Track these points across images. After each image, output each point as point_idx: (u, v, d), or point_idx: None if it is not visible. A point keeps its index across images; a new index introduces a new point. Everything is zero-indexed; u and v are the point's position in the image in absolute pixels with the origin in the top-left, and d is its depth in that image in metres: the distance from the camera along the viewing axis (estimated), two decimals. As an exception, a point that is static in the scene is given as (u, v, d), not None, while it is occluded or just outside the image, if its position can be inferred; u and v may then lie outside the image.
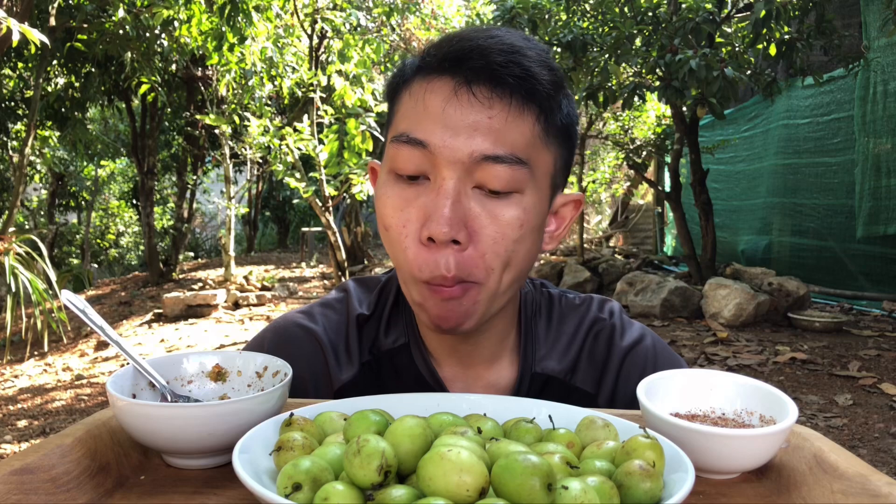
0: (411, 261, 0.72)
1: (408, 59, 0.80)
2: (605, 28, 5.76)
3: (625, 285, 5.87)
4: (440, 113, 0.71)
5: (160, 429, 0.57)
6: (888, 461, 2.92)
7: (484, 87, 0.70)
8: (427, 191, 0.72)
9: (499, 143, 0.70)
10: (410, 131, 0.72)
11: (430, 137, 0.70)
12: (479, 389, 0.85)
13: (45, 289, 5.23)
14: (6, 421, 4.20)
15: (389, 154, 0.74)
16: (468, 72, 0.71)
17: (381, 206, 0.75)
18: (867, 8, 5.56)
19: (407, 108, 0.75)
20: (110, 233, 15.10)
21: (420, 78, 0.74)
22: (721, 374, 0.68)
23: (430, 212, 0.70)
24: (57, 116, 8.70)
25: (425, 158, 0.71)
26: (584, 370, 0.87)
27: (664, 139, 7.40)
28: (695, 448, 0.56)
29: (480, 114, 0.70)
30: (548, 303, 0.91)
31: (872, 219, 5.59)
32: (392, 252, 0.75)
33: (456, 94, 0.71)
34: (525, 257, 0.75)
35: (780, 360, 4.24)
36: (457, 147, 0.70)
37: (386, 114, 0.85)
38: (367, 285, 0.93)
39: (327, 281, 8.83)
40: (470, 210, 0.71)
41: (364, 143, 5.62)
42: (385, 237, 0.76)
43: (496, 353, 0.86)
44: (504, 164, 0.70)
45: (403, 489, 0.46)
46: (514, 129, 0.71)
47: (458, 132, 0.70)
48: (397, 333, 0.87)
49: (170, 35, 6.10)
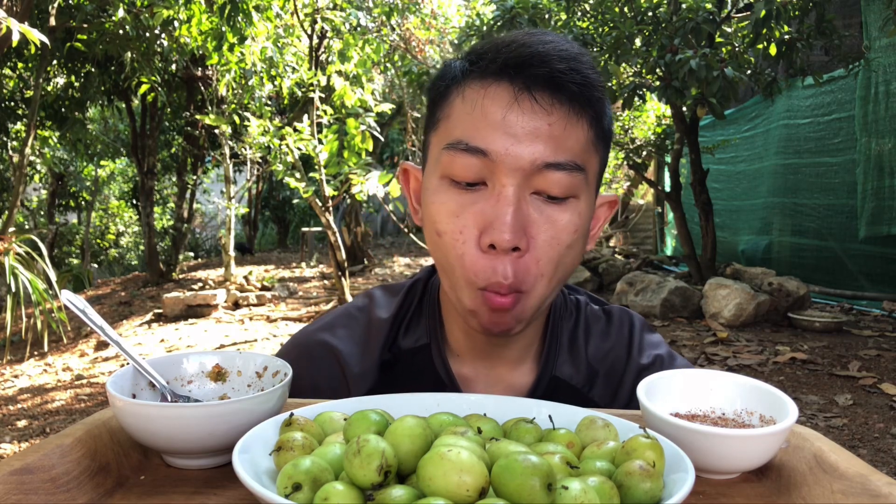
0: (468, 267, 0.72)
1: (451, 60, 0.80)
2: (605, 28, 5.76)
3: (625, 285, 5.87)
4: (500, 120, 0.70)
5: (160, 429, 0.57)
6: (888, 461, 2.91)
7: (545, 93, 0.70)
8: (485, 197, 0.72)
9: (559, 149, 0.70)
10: (469, 139, 0.71)
11: (490, 145, 0.70)
12: (499, 391, 0.86)
13: (45, 289, 5.23)
14: (6, 421, 4.20)
15: (444, 161, 0.73)
16: (529, 78, 0.70)
17: (433, 213, 0.75)
18: (868, 8, 5.56)
19: (461, 113, 0.74)
20: (110, 233, 15.10)
21: (475, 83, 0.73)
22: (721, 374, 0.68)
23: (492, 219, 0.70)
24: (57, 116, 8.70)
25: (485, 166, 0.71)
26: (602, 385, 0.87)
27: (664, 139, 7.40)
28: (695, 448, 0.56)
29: (541, 120, 0.70)
30: (574, 310, 0.92)
31: (875, 219, 5.59)
32: (444, 258, 0.75)
33: (517, 101, 0.70)
34: (573, 261, 0.76)
35: (780, 360, 4.24)
36: (519, 154, 0.70)
37: (386, 114, 0.85)
38: (391, 290, 0.94)
39: (327, 281, 8.83)
40: (528, 216, 0.71)
41: (364, 143, 5.63)
42: (436, 242, 0.75)
43: (522, 356, 0.87)
44: (563, 170, 0.70)
45: (403, 489, 0.46)
46: (571, 136, 0.71)
47: (519, 139, 0.70)
48: (419, 334, 0.88)
49: (170, 35, 6.10)
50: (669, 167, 6.91)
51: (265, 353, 0.77)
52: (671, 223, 9.07)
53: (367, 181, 5.58)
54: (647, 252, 9.67)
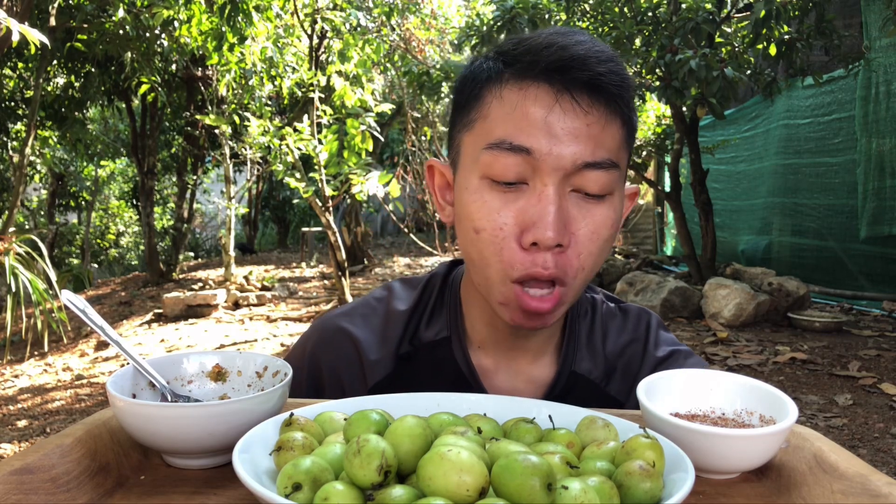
0: (506, 261, 0.74)
1: (479, 58, 0.81)
2: (605, 28, 5.76)
3: (625, 285, 5.87)
4: (542, 121, 0.72)
5: (160, 429, 0.57)
6: (888, 461, 2.92)
7: (584, 94, 0.73)
8: (525, 195, 0.73)
9: (598, 149, 0.73)
10: (512, 138, 0.73)
11: (534, 144, 0.72)
12: (520, 383, 0.88)
13: (45, 289, 5.23)
14: (6, 421, 4.20)
15: (484, 160, 0.75)
16: (569, 81, 0.72)
17: (473, 211, 0.76)
18: (868, 8, 5.56)
19: (500, 114, 0.75)
20: (110, 233, 15.09)
21: (513, 84, 0.75)
22: (721, 374, 0.68)
23: (534, 218, 0.72)
24: (57, 116, 8.69)
25: (527, 165, 0.73)
26: (619, 380, 0.89)
27: (664, 139, 7.40)
28: (695, 448, 0.56)
29: (580, 121, 0.72)
30: (591, 307, 0.93)
31: (877, 219, 5.60)
32: (482, 254, 0.76)
33: (558, 102, 0.72)
34: (608, 254, 0.79)
35: (780, 360, 4.24)
36: (561, 154, 0.72)
37: (386, 114, 0.86)
38: (410, 283, 0.96)
39: (327, 281, 8.82)
40: (569, 213, 0.73)
41: (364, 143, 5.62)
42: (473, 239, 0.76)
43: (542, 349, 0.89)
44: (602, 169, 0.73)
45: (403, 489, 0.46)
46: (608, 135, 0.74)
47: (560, 140, 0.72)
48: (439, 327, 0.90)
49: (170, 35, 6.10)
50: (669, 167, 6.91)
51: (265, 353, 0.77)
52: (671, 223, 9.07)
53: (367, 181, 5.58)
54: (647, 252, 9.67)
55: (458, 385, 0.86)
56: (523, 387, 0.87)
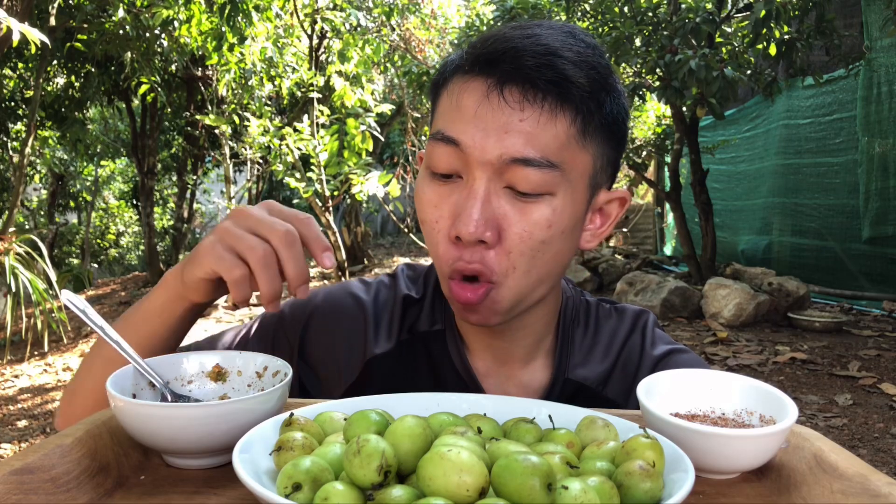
0: (441, 256, 0.75)
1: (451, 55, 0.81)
2: (604, 28, 5.77)
3: (625, 285, 5.87)
4: (473, 113, 0.71)
5: (160, 429, 0.57)
6: (888, 461, 2.92)
7: (516, 89, 0.71)
8: (459, 189, 0.73)
9: (529, 145, 0.70)
10: (445, 129, 0.73)
11: (462, 136, 0.71)
12: (511, 388, 0.87)
13: (45, 289, 5.23)
14: (6, 421, 4.19)
15: (427, 151, 0.76)
16: (501, 74, 0.71)
17: (418, 202, 0.77)
18: (868, 8, 5.56)
19: (444, 106, 0.76)
20: (110, 233, 15.08)
21: (458, 77, 0.75)
22: (721, 373, 0.68)
23: (460, 211, 0.71)
24: (57, 116, 8.69)
25: (458, 157, 0.72)
26: (616, 381, 0.87)
27: (664, 139, 7.40)
28: (695, 448, 0.56)
29: (512, 116, 0.70)
30: (585, 310, 0.92)
31: (880, 219, 5.59)
32: (428, 246, 0.78)
33: (488, 96, 0.71)
34: (553, 259, 0.75)
35: (780, 360, 4.24)
36: (487, 148, 0.70)
37: (386, 114, 0.87)
38: (414, 270, 0.97)
39: (327, 281, 8.83)
40: (499, 209, 0.72)
41: (364, 143, 5.63)
42: (423, 231, 0.78)
43: (531, 354, 0.87)
44: (534, 166, 0.70)
45: (403, 489, 0.46)
46: (546, 132, 0.71)
47: (488, 133, 0.70)
48: (436, 319, 0.89)
49: (170, 35, 6.10)
50: (669, 167, 6.91)
51: (265, 353, 0.77)
52: (671, 223, 9.07)
53: (367, 181, 5.58)
54: (647, 252, 9.67)
55: (454, 381, 0.86)
56: (515, 392, 0.86)
